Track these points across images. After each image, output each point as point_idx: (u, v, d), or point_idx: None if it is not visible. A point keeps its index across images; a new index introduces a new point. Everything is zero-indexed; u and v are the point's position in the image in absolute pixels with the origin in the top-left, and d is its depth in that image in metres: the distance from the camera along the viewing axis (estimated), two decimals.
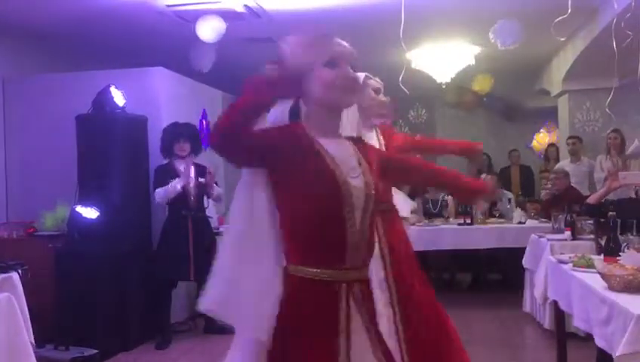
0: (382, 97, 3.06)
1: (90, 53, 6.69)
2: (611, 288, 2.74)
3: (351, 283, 1.76)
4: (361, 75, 2.85)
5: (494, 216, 6.82)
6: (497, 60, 7.28)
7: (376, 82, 3.06)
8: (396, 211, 3.04)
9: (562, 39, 5.06)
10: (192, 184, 5.17)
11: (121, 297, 4.98)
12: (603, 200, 4.45)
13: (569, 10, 4.60)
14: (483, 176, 3.89)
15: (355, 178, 1.77)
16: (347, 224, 1.74)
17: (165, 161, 5.29)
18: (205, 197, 5.32)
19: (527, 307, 5.63)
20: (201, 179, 5.18)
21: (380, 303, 2.54)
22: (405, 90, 5.61)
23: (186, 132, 5.29)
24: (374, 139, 3.09)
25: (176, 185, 5.06)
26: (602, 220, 3.83)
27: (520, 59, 7.81)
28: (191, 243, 5.09)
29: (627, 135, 6.96)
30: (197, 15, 5.49)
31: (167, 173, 5.15)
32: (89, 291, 4.80)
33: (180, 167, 5.18)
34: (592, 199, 4.62)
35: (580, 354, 4.09)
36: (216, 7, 5.45)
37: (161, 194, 5.09)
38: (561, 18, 4.74)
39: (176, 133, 5.23)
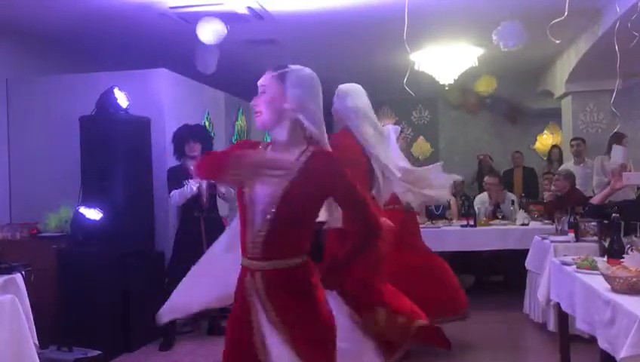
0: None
1: (94, 54, 6.70)
2: (615, 290, 2.74)
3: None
4: None
5: (497, 218, 6.81)
6: (500, 62, 7.29)
7: None
8: None
9: (557, 42, 5.04)
10: (204, 185, 5.17)
11: (124, 298, 4.97)
12: (607, 202, 4.45)
13: (565, 13, 4.59)
14: None
15: None
16: None
17: (178, 163, 5.31)
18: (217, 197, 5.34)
19: (529, 309, 5.61)
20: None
21: None
22: (410, 91, 5.61)
23: (196, 133, 5.31)
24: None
25: (192, 186, 5.07)
26: (606, 222, 3.82)
27: (523, 61, 7.81)
28: (204, 244, 5.07)
29: (630, 136, 6.95)
30: (200, 17, 5.49)
31: (180, 174, 5.16)
32: (92, 292, 4.80)
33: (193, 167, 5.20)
34: (595, 199, 4.61)
35: (583, 357, 4.07)
36: (219, 9, 5.46)
37: (176, 196, 5.11)
38: (556, 21, 4.72)
39: (186, 134, 5.26)
